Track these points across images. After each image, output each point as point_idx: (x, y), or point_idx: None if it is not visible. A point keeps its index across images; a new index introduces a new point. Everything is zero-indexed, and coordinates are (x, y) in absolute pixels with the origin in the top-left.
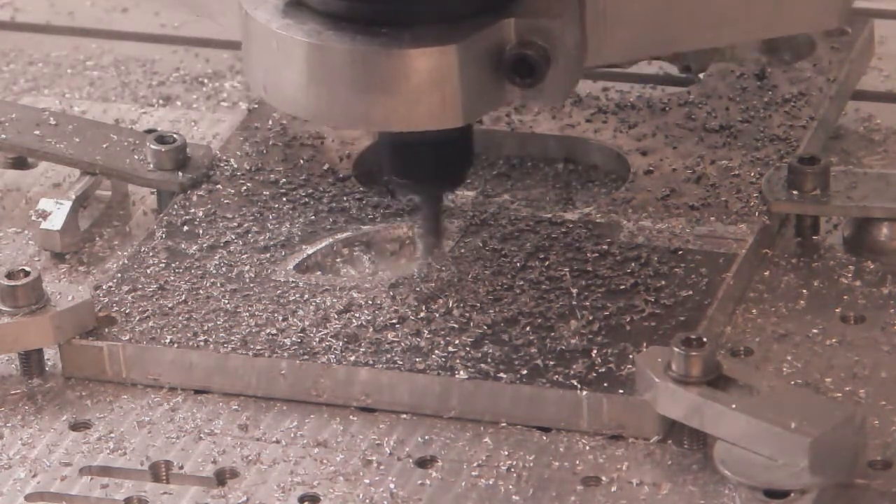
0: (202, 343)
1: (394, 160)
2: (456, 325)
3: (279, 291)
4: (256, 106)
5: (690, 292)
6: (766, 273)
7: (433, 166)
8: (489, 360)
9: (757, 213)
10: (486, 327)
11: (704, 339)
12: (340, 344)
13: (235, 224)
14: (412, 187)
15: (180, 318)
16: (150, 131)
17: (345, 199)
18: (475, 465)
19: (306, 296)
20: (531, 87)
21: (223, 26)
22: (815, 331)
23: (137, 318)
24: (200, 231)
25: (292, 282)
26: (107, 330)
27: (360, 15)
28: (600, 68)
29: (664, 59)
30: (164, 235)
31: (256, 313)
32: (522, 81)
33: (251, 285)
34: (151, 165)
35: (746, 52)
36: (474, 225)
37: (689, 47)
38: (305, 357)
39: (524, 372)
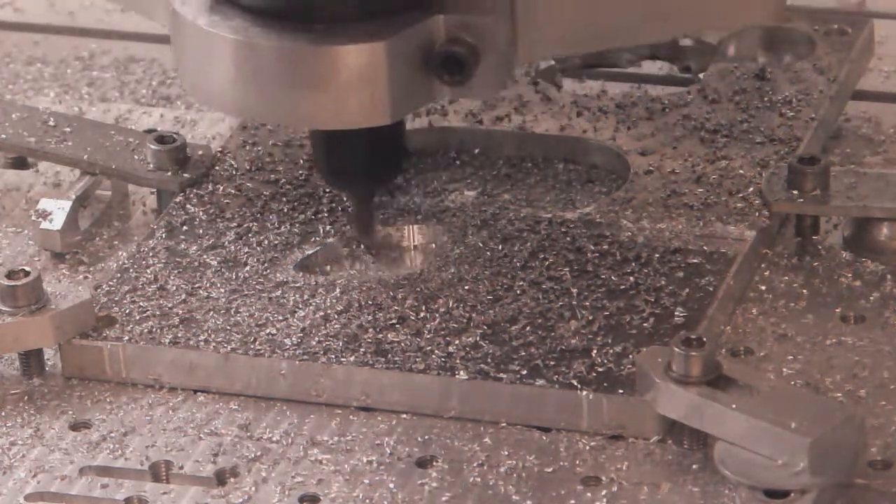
0: (202, 343)
1: (324, 158)
2: (456, 325)
3: (279, 291)
4: None
5: (690, 292)
6: (766, 273)
7: (363, 164)
8: (489, 360)
9: (757, 213)
10: (486, 327)
11: (704, 339)
12: (340, 344)
13: (235, 224)
14: (343, 185)
15: (180, 318)
16: (150, 131)
17: (345, 198)
18: (475, 465)
19: (306, 296)
20: (460, 84)
21: (158, 22)
22: (815, 331)
23: (137, 318)
24: (200, 231)
25: (292, 282)
26: (107, 330)
27: (287, 11)
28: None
29: (664, 59)
30: (164, 235)
31: (256, 313)
32: (451, 78)
33: (251, 285)
34: (151, 165)
35: (747, 51)
36: (474, 225)
37: (622, 43)
38: (305, 357)
39: (524, 372)
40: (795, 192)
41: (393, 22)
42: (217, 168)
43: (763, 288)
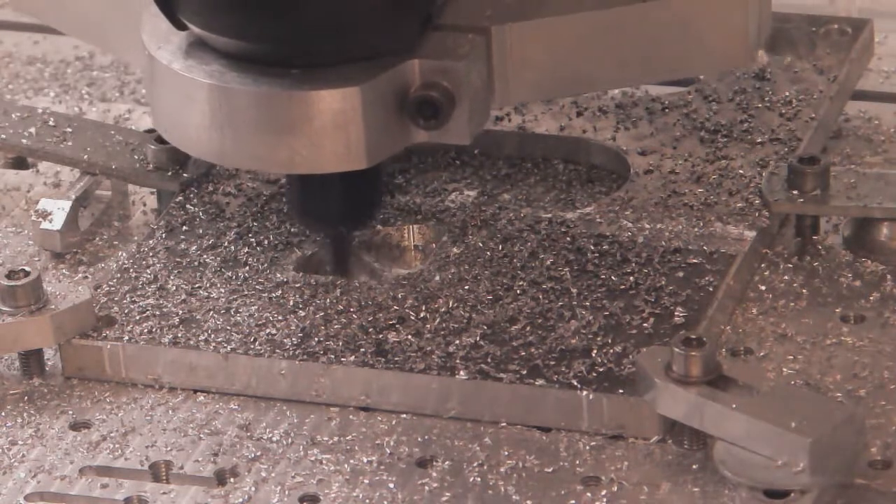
0: (202, 343)
1: (300, 202)
2: (456, 325)
3: (279, 291)
4: None
5: (690, 292)
6: (766, 273)
7: (340, 209)
8: (489, 360)
9: (757, 213)
10: (485, 327)
11: (704, 339)
12: (340, 344)
13: (235, 224)
14: (318, 227)
15: (180, 318)
16: (150, 131)
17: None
18: (475, 465)
19: (306, 296)
20: (436, 128)
21: (130, 62)
22: (815, 331)
23: (137, 318)
24: (200, 231)
25: (292, 282)
26: (107, 330)
27: (262, 56)
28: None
29: None
30: (164, 235)
31: (256, 313)
32: (427, 123)
33: (251, 285)
34: (151, 165)
35: None
36: (474, 225)
37: (599, 88)
38: (305, 357)
39: (524, 372)
40: (795, 192)
41: (368, 66)
42: (217, 168)
43: (763, 288)
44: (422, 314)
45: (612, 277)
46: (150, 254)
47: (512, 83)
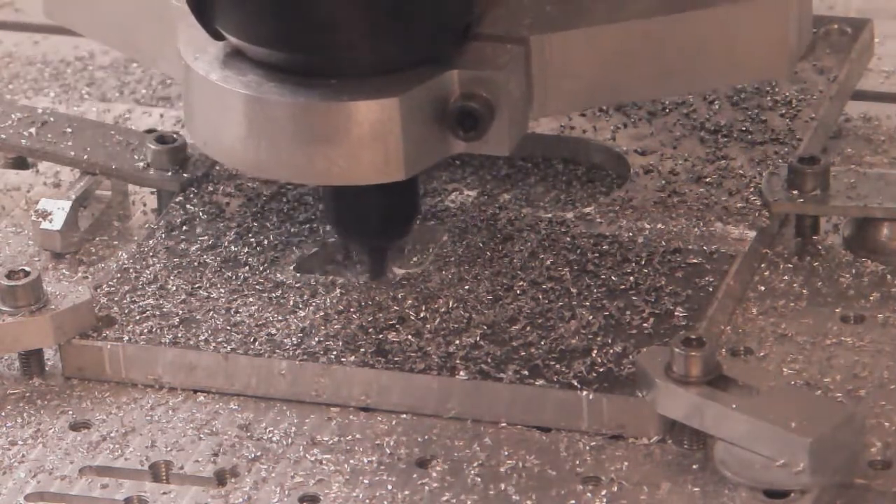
0: (202, 343)
1: (337, 213)
2: (456, 325)
3: (279, 291)
4: None
5: (690, 292)
6: (766, 273)
7: (378, 221)
8: (489, 360)
9: (757, 213)
10: (485, 327)
11: (704, 339)
12: (340, 344)
13: (235, 224)
14: (356, 240)
15: (180, 318)
16: (150, 131)
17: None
18: (475, 465)
19: (306, 296)
20: (476, 139)
21: (166, 71)
22: (815, 331)
23: (137, 317)
24: (200, 231)
25: (292, 282)
26: (107, 330)
27: (300, 67)
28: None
29: None
30: (163, 235)
31: (256, 313)
32: (466, 134)
33: (251, 285)
34: (151, 165)
35: None
36: (475, 225)
37: (637, 98)
38: (305, 357)
39: (524, 372)
40: (795, 192)
41: (407, 77)
42: (217, 168)
43: (763, 288)
44: (422, 314)
45: (612, 277)
46: (150, 254)
47: (551, 93)
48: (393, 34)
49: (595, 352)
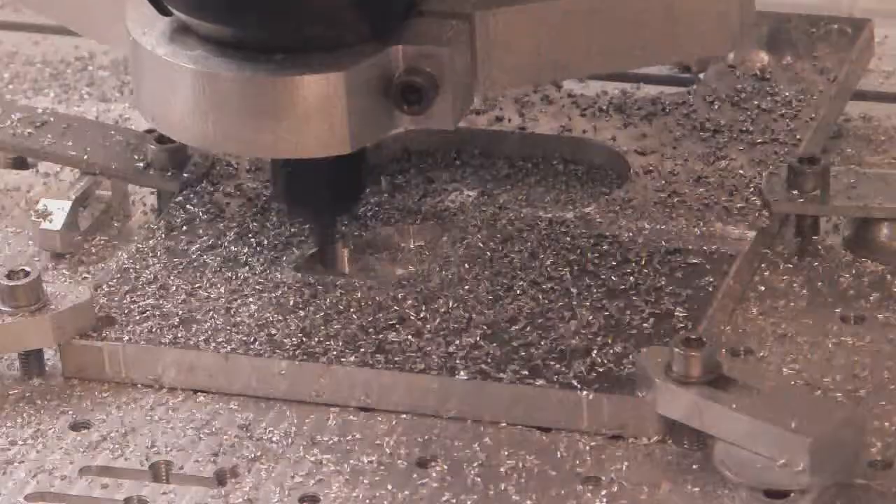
0: (202, 343)
1: (283, 186)
2: (456, 325)
3: (279, 291)
4: None
5: (690, 292)
6: (766, 273)
7: (323, 193)
8: (489, 360)
9: (757, 213)
10: (486, 327)
11: (704, 339)
12: (340, 344)
13: (235, 224)
14: (303, 213)
15: (180, 318)
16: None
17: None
18: (475, 465)
19: (306, 296)
20: (420, 114)
21: (111, 46)
22: (815, 331)
23: (137, 317)
24: (200, 231)
25: (292, 282)
26: (107, 330)
27: (246, 42)
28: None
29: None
30: (163, 235)
31: (256, 313)
32: (411, 108)
33: (251, 285)
34: (151, 165)
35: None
36: (474, 225)
37: (581, 74)
38: (305, 357)
39: (524, 372)
40: (795, 192)
41: (352, 52)
42: (217, 168)
43: (763, 288)
44: (422, 314)
45: (612, 277)
46: (150, 254)
47: (496, 69)
48: (338, 9)
49: (595, 352)
